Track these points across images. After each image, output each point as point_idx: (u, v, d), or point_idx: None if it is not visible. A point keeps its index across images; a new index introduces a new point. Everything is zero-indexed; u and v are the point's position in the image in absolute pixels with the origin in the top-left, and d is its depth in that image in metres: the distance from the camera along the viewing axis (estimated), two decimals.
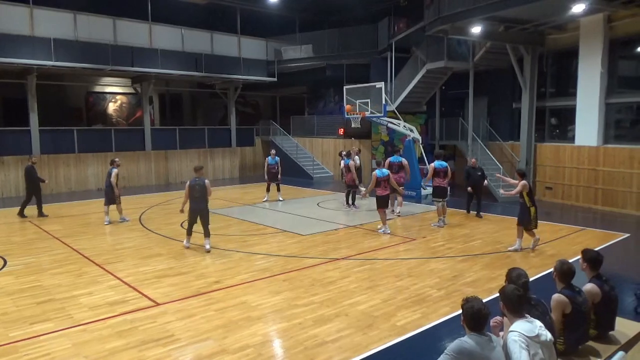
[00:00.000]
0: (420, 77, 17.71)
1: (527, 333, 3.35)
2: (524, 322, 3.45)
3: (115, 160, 12.25)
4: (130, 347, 5.18)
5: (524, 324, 3.43)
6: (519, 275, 4.01)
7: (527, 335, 3.34)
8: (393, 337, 5.41)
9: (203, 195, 9.04)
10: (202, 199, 9.06)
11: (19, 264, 8.38)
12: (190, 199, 9.07)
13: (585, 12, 12.30)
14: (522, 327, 3.40)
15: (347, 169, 13.61)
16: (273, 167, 15.28)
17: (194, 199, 9.05)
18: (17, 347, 5.19)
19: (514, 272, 4.08)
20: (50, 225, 11.75)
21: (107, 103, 23.14)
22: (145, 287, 7.14)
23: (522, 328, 3.38)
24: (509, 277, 4.06)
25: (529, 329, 3.39)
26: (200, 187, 9.02)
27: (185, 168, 21.21)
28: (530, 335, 3.34)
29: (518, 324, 3.43)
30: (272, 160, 15.40)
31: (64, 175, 17.82)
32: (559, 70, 15.97)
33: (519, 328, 3.39)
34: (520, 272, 4.06)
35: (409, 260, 8.56)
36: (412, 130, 16.55)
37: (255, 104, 28.74)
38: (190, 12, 20.59)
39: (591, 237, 10.16)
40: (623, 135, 13.87)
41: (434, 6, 14.07)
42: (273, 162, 15.32)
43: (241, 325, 5.75)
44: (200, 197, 9.03)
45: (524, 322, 3.45)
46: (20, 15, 15.87)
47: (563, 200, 14.75)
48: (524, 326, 3.40)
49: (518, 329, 3.38)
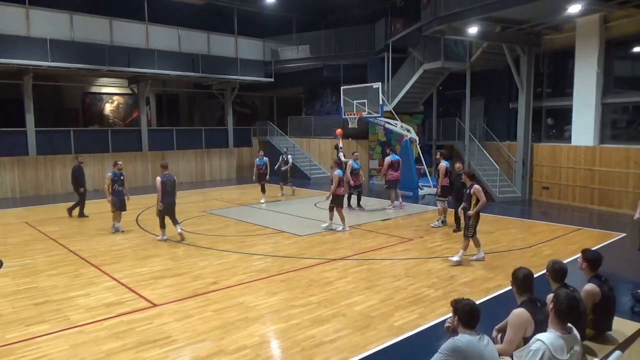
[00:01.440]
0: (417, 77, 17.73)
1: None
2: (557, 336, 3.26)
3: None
4: (127, 348, 5.16)
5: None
6: (526, 275, 3.99)
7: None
8: (391, 338, 5.41)
9: (174, 190, 9.96)
10: (173, 193, 9.98)
11: (15, 266, 8.35)
12: (164, 194, 9.80)
13: (581, 12, 12.34)
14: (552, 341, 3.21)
15: (338, 180, 10.97)
16: (261, 167, 15.39)
17: (167, 193, 9.86)
18: (13, 349, 5.17)
19: (520, 271, 4.03)
20: (47, 226, 11.70)
21: (104, 104, 23.10)
22: (142, 288, 7.12)
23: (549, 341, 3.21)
24: (515, 278, 4.01)
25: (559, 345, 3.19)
26: (172, 182, 9.95)
27: (183, 169, 21.20)
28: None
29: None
30: (260, 161, 15.50)
31: (61, 176, 17.75)
32: (555, 70, 16.02)
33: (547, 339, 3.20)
34: (526, 271, 4.04)
35: (406, 260, 8.56)
36: (409, 130, 16.57)
37: (252, 104, 28.73)
38: (187, 12, 20.57)
39: (588, 237, 10.19)
40: (619, 135, 13.92)
41: (430, 7, 14.10)
42: (261, 163, 15.43)
43: (238, 326, 5.74)
44: (172, 191, 9.93)
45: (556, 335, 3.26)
46: (16, 16, 15.81)
47: (560, 200, 14.79)
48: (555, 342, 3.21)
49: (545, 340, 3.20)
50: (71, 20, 16.90)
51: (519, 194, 15.49)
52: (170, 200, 9.94)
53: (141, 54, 18.32)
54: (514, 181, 15.85)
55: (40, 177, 17.36)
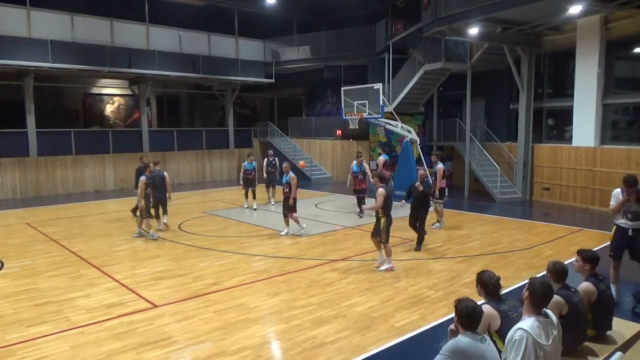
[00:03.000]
0: (417, 78, 17.72)
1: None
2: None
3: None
4: (127, 349, 5.16)
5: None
6: (490, 277, 3.99)
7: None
8: (391, 338, 5.41)
9: (163, 184, 10.99)
10: (162, 187, 10.99)
11: (16, 267, 8.35)
12: (155, 189, 10.68)
13: (582, 13, 12.33)
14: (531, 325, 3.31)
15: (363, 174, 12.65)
16: (250, 172, 13.79)
17: (157, 188, 10.79)
18: (14, 350, 5.17)
19: (485, 273, 4.04)
20: (47, 227, 11.71)
21: (105, 104, 23.10)
22: (142, 289, 7.12)
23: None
24: (480, 279, 4.03)
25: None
26: (160, 178, 10.94)
27: (183, 169, 21.21)
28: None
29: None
30: (249, 165, 13.86)
31: (61, 177, 17.78)
32: (556, 71, 16.01)
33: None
34: (490, 273, 4.04)
35: (407, 261, 8.55)
36: (409, 131, 16.56)
37: (252, 105, 28.73)
38: (187, 13, 20.57)
39: (589, 238, 10.18)
40: (620, 136, 13.91)
41: (431, 7, 14.09)
42: (250, 168, 13.81)
43: (239, 327, 5.73)
44: (160, 186, 10.91)
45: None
46: (17, 17, 15.82)
47: (560, 201, 14.77)
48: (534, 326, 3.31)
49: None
50: (72, 21, 16.91)
51: (519, 195, 15.47)
52: (160, 194, 10.92)
53: (142, 55, 18.32)
54: (515, 182, 15.83)
55: (41, 178, 17.37)
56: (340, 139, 21.90)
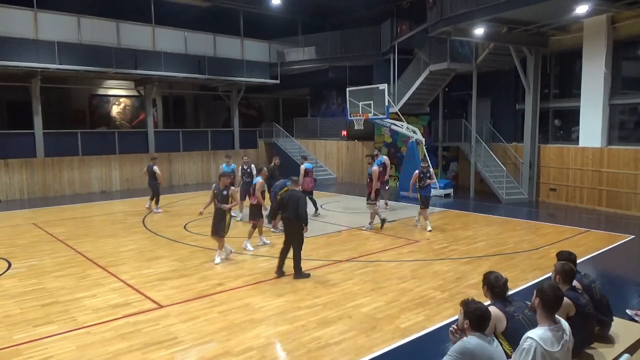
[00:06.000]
0: (423, 78, 17.68)
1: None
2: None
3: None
4: (133, 349, 5.17)
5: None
6: (497, 278, 3.94)
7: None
8: (397, 340, 5.39)
9: (154, 175, 13.43)
10: (153, 177, 13.48)
11: (23, 267, 8.40)
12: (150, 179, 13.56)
13: (589, 13, 12.26)
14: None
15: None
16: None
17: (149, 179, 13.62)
18: (21, 349, 5.20)
19: (492, 275, 3.99)
20: (54, 227, 11.77)
21: (111, 106, 23.22)
22: (148, 289, 7.14)
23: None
24: (487, 281, 3.98)
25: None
26: (149, 169, 13.52)
27: (189, 170, 21.27)
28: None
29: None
30: (226, 168, 12.08)
31: (68, 178, 17.87)
32: (562, 71, 15.91)
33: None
34: (497, 275, 4.00)
35: (412, 262, 8.53)
36: (415, 131, 16.53)
37: (258, 106, 28.78)
38: (193, 14, 20.64)
39: (595, 239, 10.11)
40: (627, 136, 13.81)
41: (436, 8, 14.05)
42: (229, 171, 11.74)
43: (244, 327, 5.74)
44: (151, 177, 13.51)
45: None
46: (24, 19, 15.93)
47: (567, 201, 14.69)
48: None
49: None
50: (78, 23, 17.01)
51: (525, 196, 15.40)
52: (154, 183, 13.54)
53: (148, 56, 18.40)
54: (521, 183, 15.76)
55: (48, 178, 17.48)
56: (346, 139, 21.90)
